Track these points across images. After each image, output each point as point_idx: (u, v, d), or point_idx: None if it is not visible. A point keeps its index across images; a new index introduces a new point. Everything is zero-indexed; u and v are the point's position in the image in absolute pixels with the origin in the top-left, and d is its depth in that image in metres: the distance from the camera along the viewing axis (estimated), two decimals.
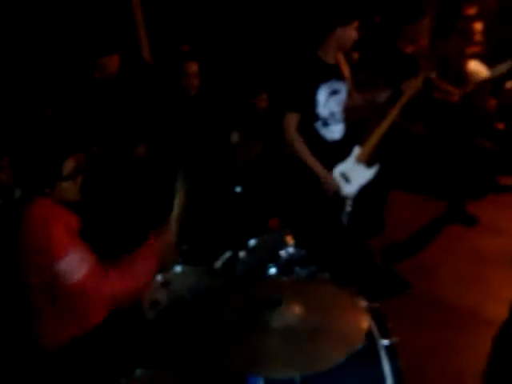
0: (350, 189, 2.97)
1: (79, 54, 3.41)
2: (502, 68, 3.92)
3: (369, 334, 1.85)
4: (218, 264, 2.53)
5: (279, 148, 3.07)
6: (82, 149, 2.21)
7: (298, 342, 1.64)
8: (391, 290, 3.15)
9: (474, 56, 4.57)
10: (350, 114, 3.13)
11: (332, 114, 2.94)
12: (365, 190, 3.04)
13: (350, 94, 3.09)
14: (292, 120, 2.86)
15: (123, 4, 3.23)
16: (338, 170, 2.99)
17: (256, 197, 3.21)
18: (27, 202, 2.09)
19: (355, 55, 4.18)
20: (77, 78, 3.47)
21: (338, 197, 2.95)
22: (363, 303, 1.93)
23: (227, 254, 2.58)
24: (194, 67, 3.32)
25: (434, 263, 3.51)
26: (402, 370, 1.83)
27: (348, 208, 2.94)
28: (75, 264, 1.94)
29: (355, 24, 2.81)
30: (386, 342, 1.85)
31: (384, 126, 3.06)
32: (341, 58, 3.04)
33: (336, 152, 2.97)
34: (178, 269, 2.48)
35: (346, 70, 3.08)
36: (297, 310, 1.75)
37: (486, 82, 4.21)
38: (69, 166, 2.09)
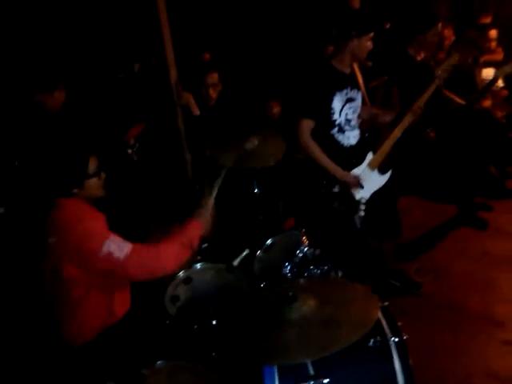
0: (363, 194, 3.04)
1: (17, 90, 3.29)
2: (508, 68, 3.74)
3: (380, 332, 1.92)
4: (236, 262, 2.61)
5: (292, 152, 3.15)
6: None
7: (311, 332, 1.71)
8: (401, 291, 3.22)
9: (490, 64, 4.59)
10: (362, 123, 3.21)
11: (348, 121, 3.02)
12: (378, 194, 3.10)
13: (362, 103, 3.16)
14: (306, 126, 2.93)
15: (149, 16, 3.27)
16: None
17: (273, 198, 3.28)
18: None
19: (368, 63, 4.22)
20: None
21: (351, 201, 3.03)
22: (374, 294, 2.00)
23: (245, 253, 2.66)
24: (214, 78, 3.37)
25: (443, 265, 3.55)
26: (412, 366, 1.88)
27: (361, 212, 3.01)
28: (117, 244, 2.04)
29: (370, 35, 2.85)
30: (396, 339, 1.90)
31: (396, 134, 3.10)
32: (355, 67, 3.10)
33: (352, 157, 3.05)
34: (198, 266, 2.57)
35: (360, 80, 3.15)
36: (311, 303, 1.82)
37: (494, 86, 4.19)
38: (92, 163, 2.19)
